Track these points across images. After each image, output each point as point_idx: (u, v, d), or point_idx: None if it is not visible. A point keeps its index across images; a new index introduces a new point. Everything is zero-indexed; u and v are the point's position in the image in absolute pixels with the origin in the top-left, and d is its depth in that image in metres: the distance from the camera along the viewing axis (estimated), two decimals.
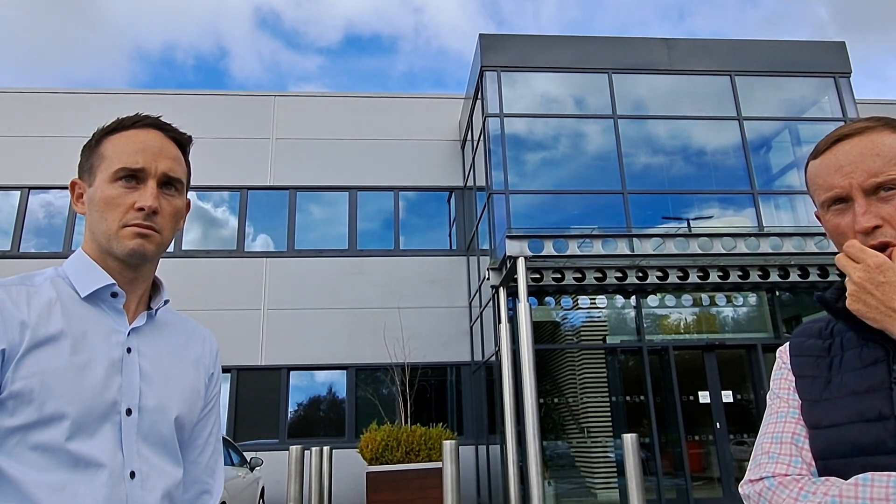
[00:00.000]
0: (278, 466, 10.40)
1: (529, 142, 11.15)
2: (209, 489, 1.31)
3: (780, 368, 1.16)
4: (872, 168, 1.01)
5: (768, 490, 1.00)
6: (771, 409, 1.12)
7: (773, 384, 1.16)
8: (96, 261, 1.16)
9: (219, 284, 12.22)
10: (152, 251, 1.16)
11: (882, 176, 1.00)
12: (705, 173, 11.15)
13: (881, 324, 0.95)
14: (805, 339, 1.15)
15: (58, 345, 1.05)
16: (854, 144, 1.04)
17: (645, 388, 9.71)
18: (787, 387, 1.12)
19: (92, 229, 1.17)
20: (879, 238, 1.00)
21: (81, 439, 1.03)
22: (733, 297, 10.70)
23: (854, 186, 1.02)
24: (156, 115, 1.25)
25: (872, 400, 0.98)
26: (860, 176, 1.02)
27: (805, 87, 11.74)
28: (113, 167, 1.15)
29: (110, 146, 1.18)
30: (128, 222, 1.13)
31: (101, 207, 1.14)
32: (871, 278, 0.96)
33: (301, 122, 13.50)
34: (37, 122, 12.94)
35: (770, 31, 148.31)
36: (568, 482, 10.29)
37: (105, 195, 1.14)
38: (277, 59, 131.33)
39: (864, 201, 1.02)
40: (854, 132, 1.05)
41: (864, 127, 1.05)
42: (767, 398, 1.16)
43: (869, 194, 1.02)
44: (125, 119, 1.21)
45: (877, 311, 0.95)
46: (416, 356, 10.97)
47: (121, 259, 1.16)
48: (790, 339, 1.19)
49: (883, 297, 0.95)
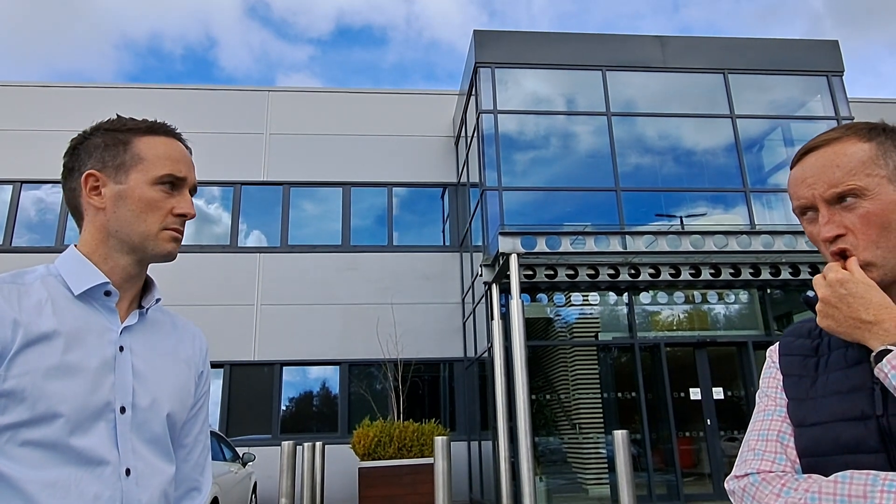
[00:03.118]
0: (271, 462, 10.41)
1: (523, 138, 11.17)
2: (198, 486, 1.32)
3: (769, 367, 1.19)
4: (832, 179, 1.04)
5: (752, 486, 1.02)
6: (759, 407, 1.15)
7: (762, 383, 1.19)
8: (99, 256, 1.17)
9: (212, 280, 12.20)
10: (177, 253, 1.23)
11: (841, 186, 1.03)
12: (698, 171, 11.19)
13: (851, 336, 0.99)
14: (794, 339, 1.17)
15: (50, 343, 1.05)
16: (818, 156, 1.07)
17: (637, 385, 9.75)
18: (775, 385, 1.15)
19: (116, 226, 1.17)
20: (839, 245, 1.04)
21: (79, 436, 1.04)
22: (725, 294, 10.76)
23: (817, 197, 1.06)
24: (146, 113, 1.29)
25: (855, 399, 1.00)
26: (821, 187, 1.05)
27: (798, 86, 11.78)
28: (157, 171, 1.19)
29: (147, 148, 1.20)
30: (168, 226, 1.19)
31: (139, 208, 1.17)
32: (834, 293, 1.00)
33: (295, 118, 13.47)
34: (28, 116, 12.86)
35: (765, 23, 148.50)
36: (559, 478, 10.34)
37: (147, 196, 1.18)
38: (267, 49, 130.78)
39: (826, 211, 1.05)
40: (820, 144, 1.08)
41: (830, 138, 1.08)
42: (756, 396, 1.19)
43: (833, 203, 1.05)
44: (155, 124, 1.24)
45: (845, 325, 0.99)
46: (409, 352, 10.99)
47: (148, 258, 1.20)
48: (780, 339, 1.21)
49: (848, 309, 0.99)
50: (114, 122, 1.23)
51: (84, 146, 1.21)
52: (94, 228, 1.19)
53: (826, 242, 1.06)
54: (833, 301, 1.00)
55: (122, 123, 1.22)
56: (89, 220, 1.20)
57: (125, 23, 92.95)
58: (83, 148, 1.21)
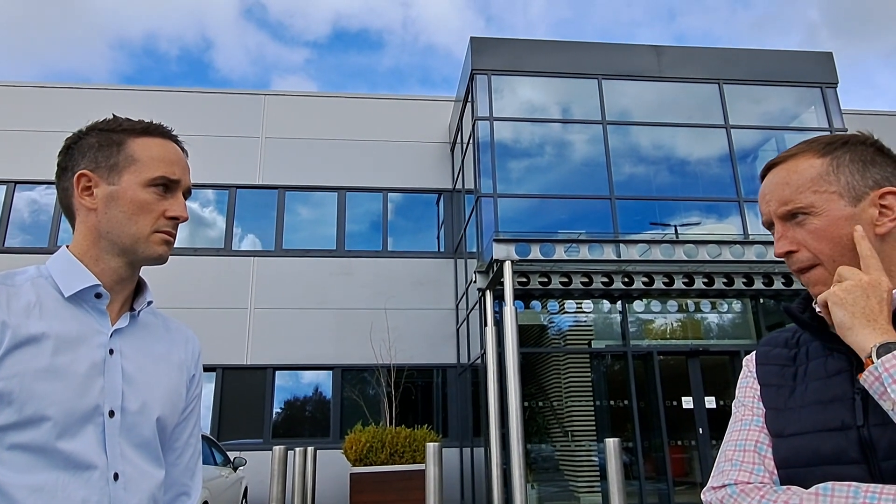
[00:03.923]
0: (262, 467, 10.36)
1: (518, 146, 11.20)
2: (188, 491, 1.30)
3: (745, 377, 1.18)
4: (782, 196, 1.06)
5: (730, 497, 1.01)
6: (735, 417, 1.14)
7: (738, 392, 1.18)
8: (90, 258, 1.16)
9: (206, 283, 12.17)
10: (169, 257, 1.21)
11: (790, 204, 1.05)
12: (692, 180, 11.23)
13: (855, 332, 0.95)
14: (771, 349, 1.17)
15: (39, 346, 1.04)
16: (775, 174, 1.10)
17: (629, 393, 9.76)
18: (752, 395, 1.14)
19: (107, 227, 1.16)
20: (797, 263, 1.06)
21: (67, 440, 1.03)
22: (718, 303, 10.79)
23: (772, 214, 1.08)
24: (143, 114, 1.27)
25: (835, 410, 0.99)
26: (774, 205, 1.08)
27: (792, 97, 11.86)
28: (150, 173, 1.17)
29: (141, 150, 1.19)
30: (159, 228, 1.18)
31: (131, 209, 1.16)
32: (858, 284, 0.98)
33: (291, 122, 13.48)
34: (23, 117, 12.83)
35: (761, 33, 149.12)
36: (551, 485, 10.33)
37: (139, 198, 1.16)
38: (263, 51, 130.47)
39: (780, 228, 1.08)
40: (779, 161, 1.10)
41: (788, 155, 1.10)
42: (733, 406, 1.18)
43: (787, 220, 1.07)
44: (151, 125, 1.23)
45: (860, 316, 0.95)
46: (403, 357, 10.97)
47: (139, 260, 1.18)
48: (757, 348, 1.21)
49: (866, 302, 0.96)
50: (109, 122, 1.21)
51: (78, 146, 1.20)
52: (86, 229, 1.17)
53: (783, 258, 1.08)
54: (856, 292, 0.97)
55: (117, 124, 1.21)
56: (81, 220, 1.18)
57: (121, 23, 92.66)
58: (77, 147, 1.20)
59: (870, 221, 1.02)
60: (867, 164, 1.05)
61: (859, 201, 1.02)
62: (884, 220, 1.02)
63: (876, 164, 1.05)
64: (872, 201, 1.03)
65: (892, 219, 1.02)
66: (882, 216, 1.03)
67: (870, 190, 1.03)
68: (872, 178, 1.04)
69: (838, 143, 1.07)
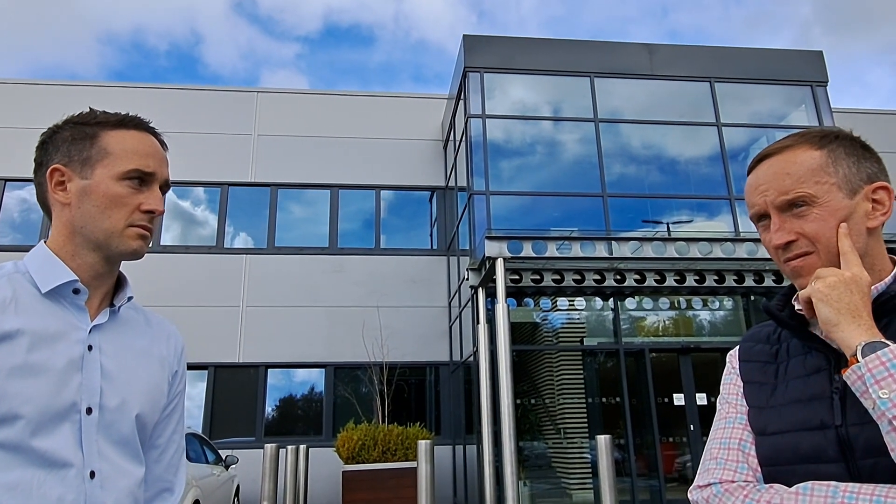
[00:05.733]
0: (255, 465, 10.32)
1: (511, 144, 11.20)
2: (170, 487, 1.29)
3: (729, 374, 1.19)
4: (782, 186, 1.05)
5: (715, 497, 1.02)
6: (720, 415, 1.15)
7: (722, 389, 1.18)
8: (67, 253, 1.14)
9: (198, 281, 12.13)
10: (145, 251, 1.18)
11: (791, 193, 1.04)
12: (684, 178, 11.27)
13: (840, 328, 0.95)
14: (754, 344, 1.17)
15: (13, 343, 1.03)
16: (771, 164, 1.08)
17: (621, 390, 9.79)
18: (736, 392, 1.15)
19: (81, 222, 1.14)
20: (794, 251, 1.05)
21: (42, 438, 1.02)
22: (709, 301, 10.83)
23: (768, 204, 1.07)
24: (135, 112, 1.25)
25: (815, 409, 1.00)
26: (772, 194, 1.06)
27: (783, 95, 11.91)
28: (123, 166, 1.15)
29: (114, 143, 1.16)
30: (134, 222, 1.15)
31: (104, 203, 1.13)
32: (842, 281, 0.98)
33: (283, 119, 13.44)
34: (12, 114, 12.74)
35: (753, 30, 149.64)
36: (543, 482, 10.36)
37: (111, 192, 1.14)
38: (254, 46, 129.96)
39: (778, 218, 1.06)
40: (774, 151, 1.09)
41: (783, 146, 1.09)
42: (717, 403, 1.19)
43: (784, 211, 1.06)
44: (126, 118, 1.20)
45: (845, 312, 0.95)
46: (395, 355, 10.97)
47: (114, 255, 1.16)
48: (739, 344, 1.21)
49: (850, 298, 0.96)
50: (83, 116, 1.19)
51: (52, 140, 1.18)
52: (61, 224, 1.16)
53: (778, 249, 1.06)
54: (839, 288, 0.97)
55: (91, 117, 1.19)
56: (56, 215, 1.17)
57: (109, 17, 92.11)
58: (51, 142, 1.18)
59: (864, 215, 1.04)
60: (860, 159, 1.06)
61: (855, 194, 1.04)
62: (876, 214, 1.05)
63: (866, 158, 1.07)
64: (866, 195, 1.05)
65: (884, 213, 1.05)
66: (874, 210, 1.05)
67: (863, 184, 1.05)
68: (865, 173, 1.06)
69: (831, 137, 1.08)
